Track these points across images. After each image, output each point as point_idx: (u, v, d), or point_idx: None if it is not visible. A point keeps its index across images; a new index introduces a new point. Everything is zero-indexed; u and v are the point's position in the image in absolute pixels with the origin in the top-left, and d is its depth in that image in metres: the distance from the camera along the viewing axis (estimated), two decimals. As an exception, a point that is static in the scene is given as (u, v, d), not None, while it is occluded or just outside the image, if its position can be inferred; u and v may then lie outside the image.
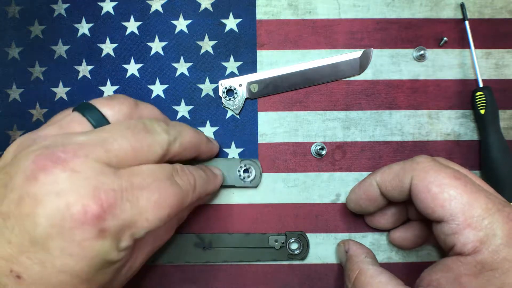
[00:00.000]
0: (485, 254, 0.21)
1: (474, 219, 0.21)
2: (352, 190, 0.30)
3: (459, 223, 0.22)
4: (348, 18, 0.34)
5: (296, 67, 0.34)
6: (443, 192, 0.22)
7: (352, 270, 0.26)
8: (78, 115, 0.23)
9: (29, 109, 0.34)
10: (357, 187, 0.29)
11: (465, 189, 0.22)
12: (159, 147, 0.23)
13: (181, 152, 0.25)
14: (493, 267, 0.20)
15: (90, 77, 0.34)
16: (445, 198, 0.22)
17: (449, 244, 0.22)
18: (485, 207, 0.21)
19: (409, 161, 0.25)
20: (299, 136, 0.33)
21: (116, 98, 0.25)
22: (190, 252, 0.32)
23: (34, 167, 0.19)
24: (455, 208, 0.22)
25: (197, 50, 0.34)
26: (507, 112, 0.34)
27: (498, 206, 0.22)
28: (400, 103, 0.34)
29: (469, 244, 0.21)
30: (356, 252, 0.28)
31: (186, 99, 0.34)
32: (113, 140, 0.21)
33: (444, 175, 0.23)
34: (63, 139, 0.21)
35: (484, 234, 0.21)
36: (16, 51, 0.34)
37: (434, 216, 0.23)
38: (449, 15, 0.34)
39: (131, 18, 0.34)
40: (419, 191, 0.23)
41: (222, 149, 0.33)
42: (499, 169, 0.31)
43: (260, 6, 0.34)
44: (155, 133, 0.23)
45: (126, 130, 0.22)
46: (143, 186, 0.21)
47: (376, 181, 0.27)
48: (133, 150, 0.21)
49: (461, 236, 0.21)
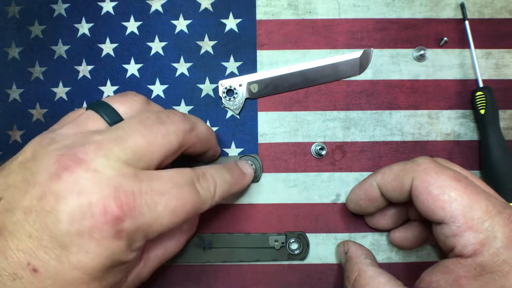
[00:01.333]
0: (485, 256, 0.21)
1: (474, 221, 0.21)
2: (352, 191, 0.30)
3: (460, 225, 0.21)
4: (348, 18, 0.34)
5: (296, 67, 0.34)
6: (444, 193, 0.22)
7: (352, 271, 0.26)
8: (92, 113, 0.23)
9: (29, 109, 0.34)
10: (357, 188, 0.29)
11: (466, 191, 0.22)
12: (174, 136, 0.23)
13: (196, 143, 0.25)
14: (493, 269, 0.20)
15: (90, 77, 0.34)
16: (446, 200, 0.22)
17: (449, 246, 0.22)
18: (485, 209, 0.21)
19: (410, 162, 0.25)
20: (299, 136, 0.33)
21: (128, 95, 0.25)
22: (190, 252, 0.32)
23: (57, 166, 0.19)
24: (455, 210, 0.22)
25: (197, 50, 0.34)
26: (507, 112, 0.34)
27: (499, 208, 0.21)
28: (400, 103, 0.34)
29: (469, 246, 0.21)
30: (356, 253, 0.28)
31: (186, 99, 0.34)
32: (127, 136, 0.21)
33: (445, 176, 0.23)
34: (82, 138, 0.21)
35: (485, 237, 0.21)
36: (16, 51, 0.34)
37: (435, 218, 0.23)
38: (449, 15, 0.34)
39: (131, 18, 0.34)
40: (419, 193, 0.23)
41: (222, 149, 0.33)
42: (499, 169, 0.31)
43: (260, 6, 0.34)
44: (169, 123, 0.23)
45: (139, 124, 0.22)
46: (163, 192, 0.21)
47: (377, 181, 0.27)
48: (148, 143, 0.22)
49: (461, 238, 0.21)
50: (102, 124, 0.23)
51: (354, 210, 0.30)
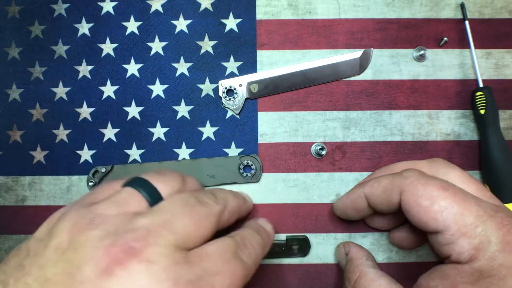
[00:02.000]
0: (482, 261, 0.21)
1: (467, 227, 0.21)
2: (340, 199, 0.30)
3: (453, 233, 0.22)
4: (348, 18, 0.34)
5: (296, 67, 0.34)
6: (434, 204, 0.22)
7: (353, 273, 0.26)
8: (133, 191, 0.22)
9: (29, 109, 0.34)
10: (345, 197, 0.29)
11: (455, 198, 0.22)
12: (214, 217, 0.23)
13: (230, 219, 0.25)
14: (490, 274, 0.20)
15: (90, 77, 0.34)
16: (437, 210, 0.22)
17: (445, 253, 0.22)
18: (476, 215, 0.21)
19: (398, 176, 0.25)
20: (299, 136, 0.33)
21: (167, 174, 0.24)
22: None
23: (107, 260, 0.17)
24: (447, 219, 0.22)
25: (197, 50, 0.34)
26: (507, 112, 0.34)
27: (490, 212, 0.22)
28: (400, 103, 0.34)
29: (465, 253, 0.21)
30: (357, 254, 0.28)
31: (186, 99, 0.34)
32: (175, 219, 0.20)
33: (432, 187, 0.23)
34: (127, 223, 0.19)
35: (479, 242, 0.21)
36: (16, 51, 0.34)
37: (428, 229, 0.23)
38: (449, 15, 0.34)
39: (131, 18, 0.34)
40: (410, 206, 0.23)
41: (222, 149, 0.33)
42: (499, 169, 0.31)
43: (260, 6, 0.34)
44: (208, 205, 0.23)
45: (184, 207, 0.21)
46: (216, 272, 0.20)
47: (365, 193, 0.27)
48: (196, 225, 0.21)
49: (456, 245, 0.21)
50: (143, 204, 0.22)
51: (340, 216, 0.31)
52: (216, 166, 0.33)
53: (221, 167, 0.33)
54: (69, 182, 0.33)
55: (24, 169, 0.34)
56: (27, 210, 0.33)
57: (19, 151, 0.34)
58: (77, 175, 0.33)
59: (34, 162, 0.34)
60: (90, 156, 0.34)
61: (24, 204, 0.33)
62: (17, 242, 0.33)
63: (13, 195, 0.33)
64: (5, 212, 0.33)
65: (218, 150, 0.33)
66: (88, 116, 0.34)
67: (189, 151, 0.33)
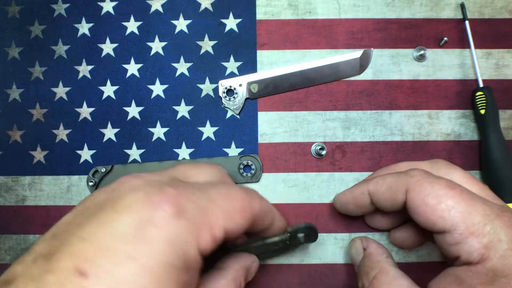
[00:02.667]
0: (494, 260, 0.20)
1: (475, 226, 0.21)
2: (342, 193, 0.30)
3: (462, 232, 0.21)
4: (348, 18, 0.34)
5: (296, 67, 0.34)
6: (441, 203, 0.22)
7: (372, 268, 0.26)
8: None
9: (29, 109, 0.34)
10: (348, 192, 0.29)
11: (462, 197, 0.22)
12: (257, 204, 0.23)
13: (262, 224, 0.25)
14: (505, 273, 0.20)
15: (90, 77, 0.34)
16: (444, 209, 0.22)
17: (454, 254, 0.22)
18: (483, 214, 0.21)
19: (403, 174, 0.25)
20: (299, 136, 0.33)
21: None
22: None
23: None
24: (455, 217, 0.21)
25: (197, 50, 0.34)
26: (507, 112, 0.33)
27: (497, 211, 0.21)
28: (400, 103, 0.34)
29: (474, 252, 0.21)
30: (377, 250, 0.28)
31: (186, 99, 0.34)
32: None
33: (439, 186, 0.23)
34: None
35: (489, 240, 0.21)
36: (16, 51, 0.34)
37: (435, 228, 0.22)
38: (449, 15, 0.34)
39: (131, 18, 0.34)
40: (416, 206, 0.23)
41: (222, 149, 0.33)
42: (499, 169, 0.31)
43: (260, 6, 0.34)
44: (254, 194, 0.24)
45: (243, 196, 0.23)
46: None
47: (369, 190, 0.27)
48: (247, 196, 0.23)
49: (465, 245, 0.21)
50: None
51: (339, 209, 0.31)
52: (216, 166, 0.33)
53: None
54: (69, 182, 0.33)
55: (24, 169, 0.34)
56: (27, 210, 0.33)
57: (19, 151, 0.34)
58: (77, 175, 0.33)
59: (34, 162, 0.34)
60: (90, 156, 0.34)
61: (24, 204, 0.33)
62: (17, 242, 0.33)
63: (13, 195, 0.33)
64: (5, 212, 0.33)
65: (218, 150, 0.33)
66: (88, 116, 0.34)
67: (189, 151, 0.33)
